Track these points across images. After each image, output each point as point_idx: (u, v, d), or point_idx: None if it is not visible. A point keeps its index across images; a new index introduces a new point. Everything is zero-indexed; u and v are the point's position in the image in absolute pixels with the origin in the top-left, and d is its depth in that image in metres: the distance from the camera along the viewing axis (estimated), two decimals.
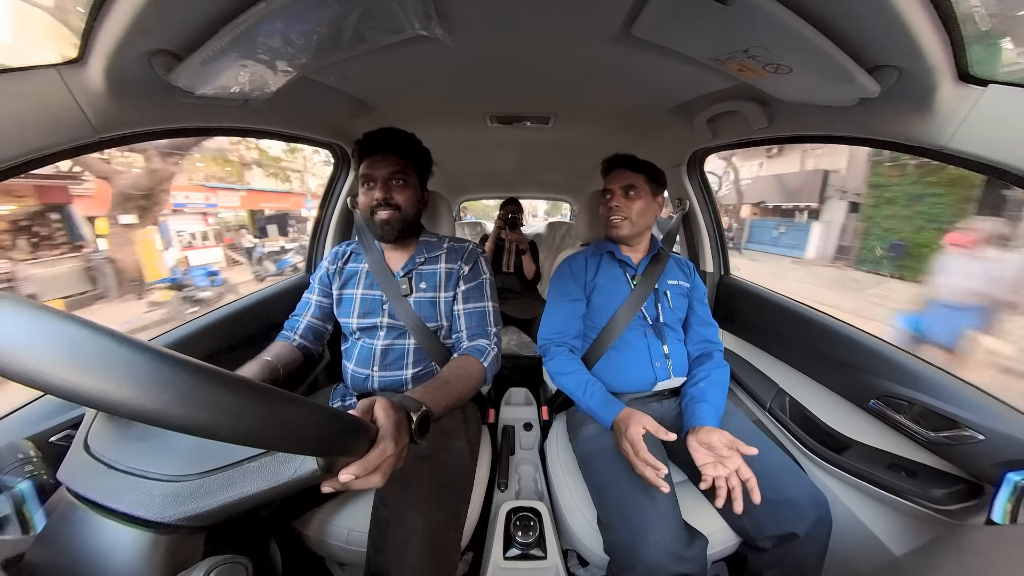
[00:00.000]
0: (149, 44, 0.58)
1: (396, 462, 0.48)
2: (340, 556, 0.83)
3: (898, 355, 0.86)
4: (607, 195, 1.09)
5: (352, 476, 0.43)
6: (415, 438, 0.53)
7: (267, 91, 0.73)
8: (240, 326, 1.12)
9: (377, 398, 0.50)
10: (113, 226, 6.36)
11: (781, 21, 0.54)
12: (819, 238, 7.10)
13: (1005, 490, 0.63)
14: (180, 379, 0.28)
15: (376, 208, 0.89)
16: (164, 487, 0.38)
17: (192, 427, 0.28)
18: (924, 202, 6.05)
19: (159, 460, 0.40)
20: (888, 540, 0.83)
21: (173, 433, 0.30)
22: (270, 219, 11.65)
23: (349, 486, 0.43)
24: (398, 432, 0.48)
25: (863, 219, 7.19)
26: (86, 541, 0.38)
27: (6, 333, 0.25)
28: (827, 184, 8.37)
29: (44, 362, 0.25)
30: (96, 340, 0.26)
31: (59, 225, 7.41)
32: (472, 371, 0.82)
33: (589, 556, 0.86)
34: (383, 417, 0.48)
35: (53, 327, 0.26)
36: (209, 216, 10.34)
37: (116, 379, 0.26)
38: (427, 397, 0.62)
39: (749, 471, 0.73)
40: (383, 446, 0.45)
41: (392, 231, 0.91)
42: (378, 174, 0.89)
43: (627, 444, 0.79)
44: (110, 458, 0.40)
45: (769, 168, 10.38)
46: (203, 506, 0.38)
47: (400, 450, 0.48)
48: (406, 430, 0.51)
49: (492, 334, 0.94)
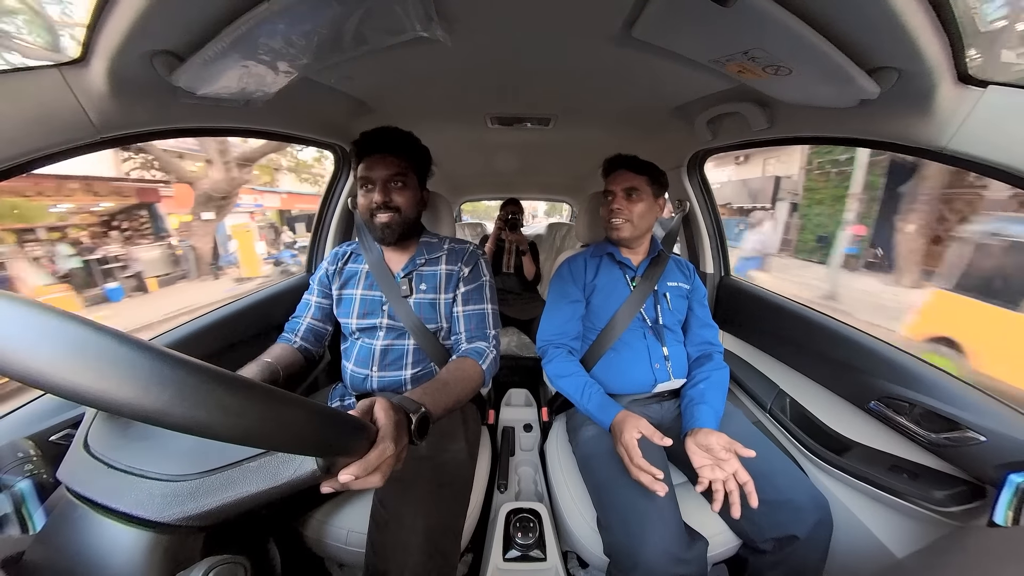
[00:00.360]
0: (151, 45, 0.58)
1: (395, 463, 0.48)
2: (339, 557, 0.83)
3: (899, 356, 0.86)
4: (608, 196, 1.08)
5: (352, 476, 0.43)
6: (414, 439, 0.53)
7: (268, 92, 0.74)
8: (240, 326, 1.12)
9: (377, 398, 0.50)
10: (195, 220, 7.87)
11: (781, 23, 0.54)
12: (768, 233, 8.60)
13: (1007, 492, 0.62)
14: (179, 378, 0.28)
15: (375, 211, 0.89)
16: (164, 487, 0.38)
17: (191, 426, 0.28)
18: (843, 203, 7.68)
19: (159, 460, 0.40)
20: (889, 542, 0.83)
21: (173, 433, 0.30)
22: (296, 218, 13.50)
23: (348, 486, 0.43)
24: (398, 432, 0.48)
25: (800, 217, 9.16)
26: (85, 540, 0.38)
27: (5, 331, 0.25)
28: (779, 188, 9.88)
29: (42, 360, 0.25)
30: (97, 339, 0.26)
31: (146, 220, 9.17)
32: (470, 373, 0.82)
33: (589, 558, 0.86)
34: (383, 417, 0.48)
35: (53, 325, 0.26)
36: (256, 215, 12.04)
37: (116, 378, 0.26)
38: (426, 398, 0.62)
39: (746, 474, 0.73)
40: (383, 447, 0.45)
41: (392, 234, 0.90)
42: (377, 176, 0.88)
43: (622, 449, 0.79)
44: (110, 457, 0.40)
45: (738, 174, 11.82)
46: (202, 506, 0.38)
47: (400, 451, 0.48)
48: (405, 431, 0.51)
49: (491, 336, 0.94)
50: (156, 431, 0.41)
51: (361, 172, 0.90)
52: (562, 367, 1.01)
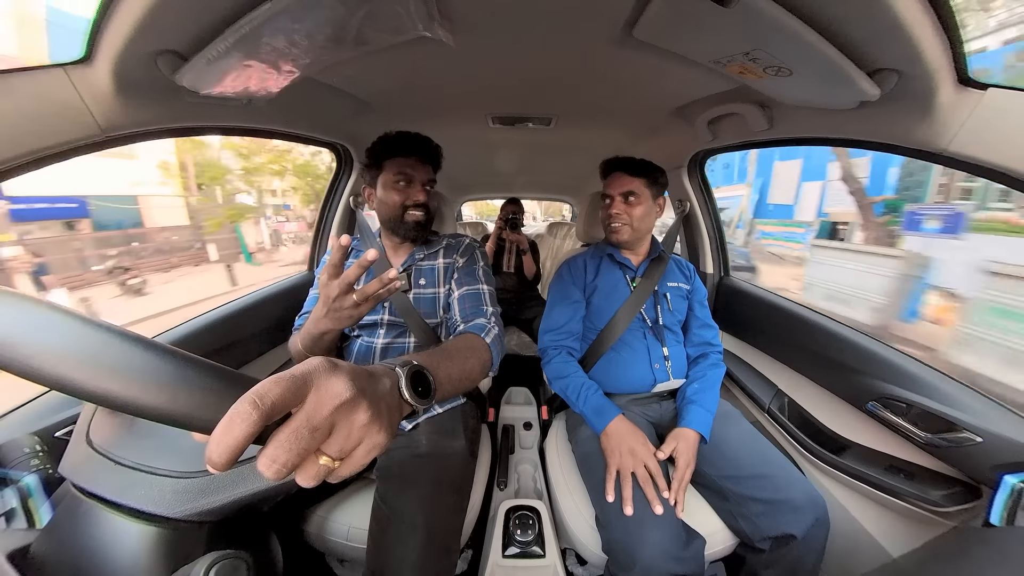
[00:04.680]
0: (155, 44, 0.59)
1: (378, 434, 0.31)
2: (340, 552, 0.83)
3: (897, 357, 0.86)
4: (606, 200, 1.08)
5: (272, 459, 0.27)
6: (411, 400, 0.38)
7: (271, 91, 0.74)
8: (240, 324, 1.13)
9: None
10: None
11: (782, 24, 0.54)
12: None
13: (1002, 492, 0.63)
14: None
15: (411, 208, 0.92)
16: (175, 483, 0.39)
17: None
18: None
19: (168, 456, 0.40)
20: (885, 541, 0.83)
21: (180, 431, 0.30)
22: None
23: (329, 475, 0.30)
24: (362, 384, 0.32)
25: None
26: (91, 535, 0.39)
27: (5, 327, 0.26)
28: None
29: (35, 355, 0.26)
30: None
31: None
32: (473, 343, 0.72)
33: (587, 555, 0.86)
34: (316, 365, 0.30)
35: (42, 320, 0.27)
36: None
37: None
38: (419, 357, 0.47)
39: (675, 494, 0.80)
40: (312, 406, 0.28)
41: (423, 232, 0.96)
42: (417, 176, 0.93)
43: (629, 460, 0.82)
44: (117, 454, 0.40)
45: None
46: (213, 501, 0.38)
47: (379, 414, 0.32)
48: (388, 390, 0.36)
49: (489, 314, 0.88)
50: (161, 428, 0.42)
51: (397, 167, 0.92)
52: (560, 368, 1.02)
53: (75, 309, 0.29)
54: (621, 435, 0.85)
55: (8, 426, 0.62)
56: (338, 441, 0.29)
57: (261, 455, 0.26)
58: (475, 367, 0.66)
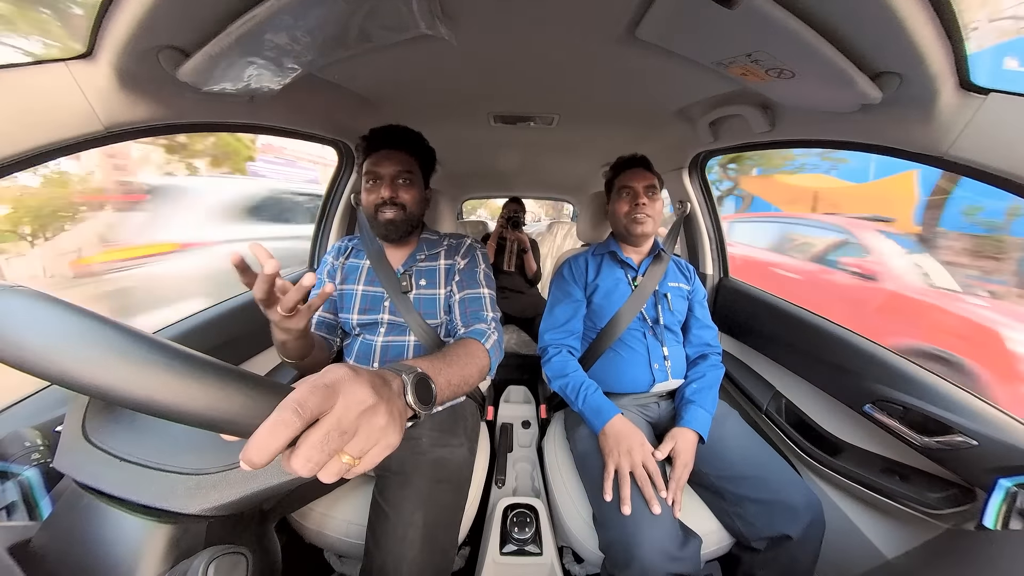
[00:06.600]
0: (158, 40, 0.59)
1: (392, 431, 0.34)
2: (339, 548, 0.84)
3: (894, 360, 0.87)
4: (626, 193, 1.08)
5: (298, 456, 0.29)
6: (415, 406, 0.41)
7: (273, 88, 0.74)
8: (239, 322, 1.13)
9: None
10: None
11: (785, 26, 0.54)
12: None
13: (997, 496, 0.63)
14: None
15: (381, 207, 0.89)
16: (187, 479, 0.39)
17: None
18: None
19: (174, 452, 0.41)
20: (880, 543, 0.84)
21: (187, 427, 0.30)
22: None
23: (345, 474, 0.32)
24: (377, 385, 0.35)
25: None
26: (92, 529, 0.39)
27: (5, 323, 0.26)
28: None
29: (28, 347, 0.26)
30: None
31: None
32: (472, 349, 0.73)
33: (584, 553, 0.87)
34: (339, 371, 0.34)
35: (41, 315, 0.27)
36: None
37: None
38: (422, 364, 0.50)
39: (672, 493, 0.80)
40: (346, 400, 0.32)
41: (396, 231, 0.91)
42: (384, 172, 0.89)
43: (627, 460, 0.82)
44: (122, 451, 0.41)
45: None
46: (225, 497, 0.39)
47: (391, 416, 0.35)
48: (397, 394, 0.39)
49: (489, 319, 0.89)
50: (163, 424, 0.42)
51: (368, 167, 0.90)
52: (560, 367, 1.02)
53: (117, 320, 0.30)
54: (619, 434, 0.86)
55: (9, 420, 0.62)
56: (359, 442, 0.32)
57: (294, 455, 0.29)
58: (473, 373, 0.69)
